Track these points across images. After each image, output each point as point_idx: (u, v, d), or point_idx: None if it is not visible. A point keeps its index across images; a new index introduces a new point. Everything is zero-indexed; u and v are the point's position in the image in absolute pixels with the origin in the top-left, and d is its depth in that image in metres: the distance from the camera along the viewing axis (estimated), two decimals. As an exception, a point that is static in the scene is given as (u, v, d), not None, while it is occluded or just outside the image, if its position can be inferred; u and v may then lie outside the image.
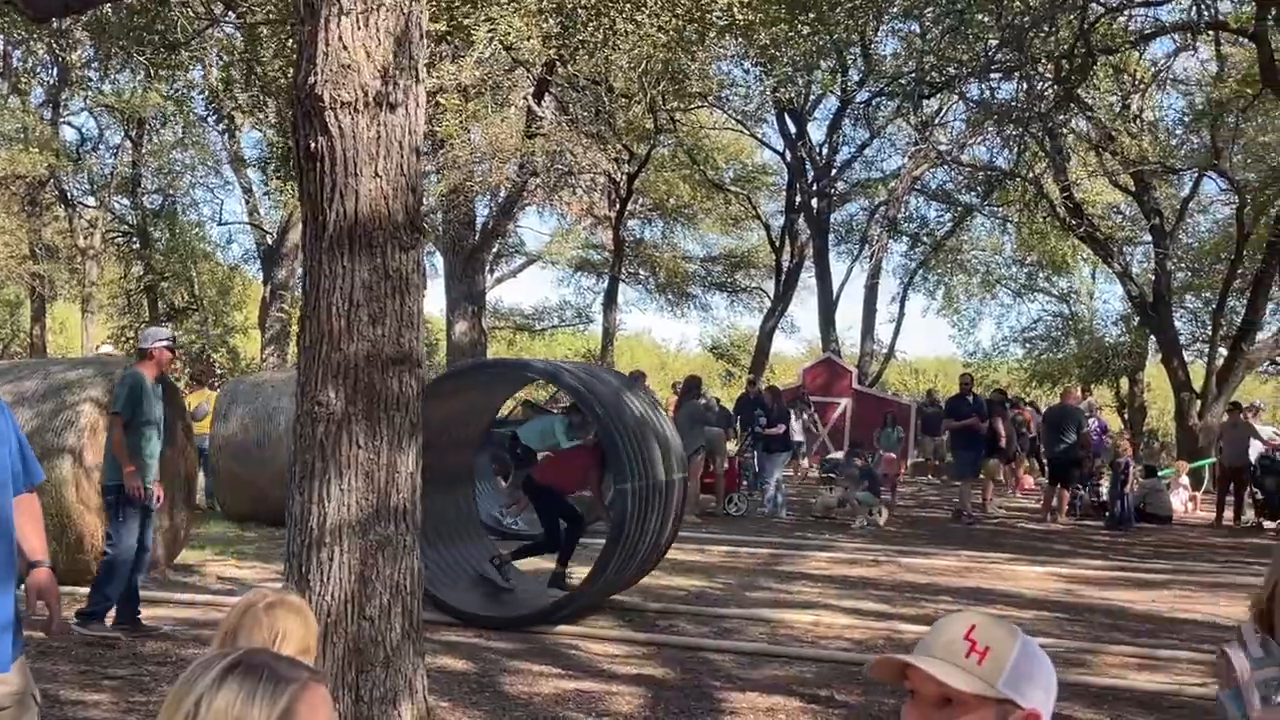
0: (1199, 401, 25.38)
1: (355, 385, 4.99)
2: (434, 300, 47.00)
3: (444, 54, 17.89)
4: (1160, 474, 20.31)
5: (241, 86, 19.30)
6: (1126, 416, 36.75)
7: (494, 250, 32.53)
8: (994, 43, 17.97)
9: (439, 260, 30.24)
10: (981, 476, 18.45)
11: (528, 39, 15.68)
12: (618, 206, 33.67)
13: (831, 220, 36.03)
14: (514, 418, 20.17)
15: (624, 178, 31.76)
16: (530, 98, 21.23)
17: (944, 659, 1.88)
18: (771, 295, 37.26)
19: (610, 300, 36.04)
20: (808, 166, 32.96)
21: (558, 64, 19.38)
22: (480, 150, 21.38)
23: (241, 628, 2.55)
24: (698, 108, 29.99)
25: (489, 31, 14.89)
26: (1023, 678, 1.87)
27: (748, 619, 9.52)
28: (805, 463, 26.16)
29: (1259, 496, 18.23)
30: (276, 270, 29.71)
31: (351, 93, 5.01)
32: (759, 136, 35.87)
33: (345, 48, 4.99)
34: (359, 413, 4.99)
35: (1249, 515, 18.44)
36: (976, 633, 1.90)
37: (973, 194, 32.69)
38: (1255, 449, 18.71)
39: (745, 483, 18.70)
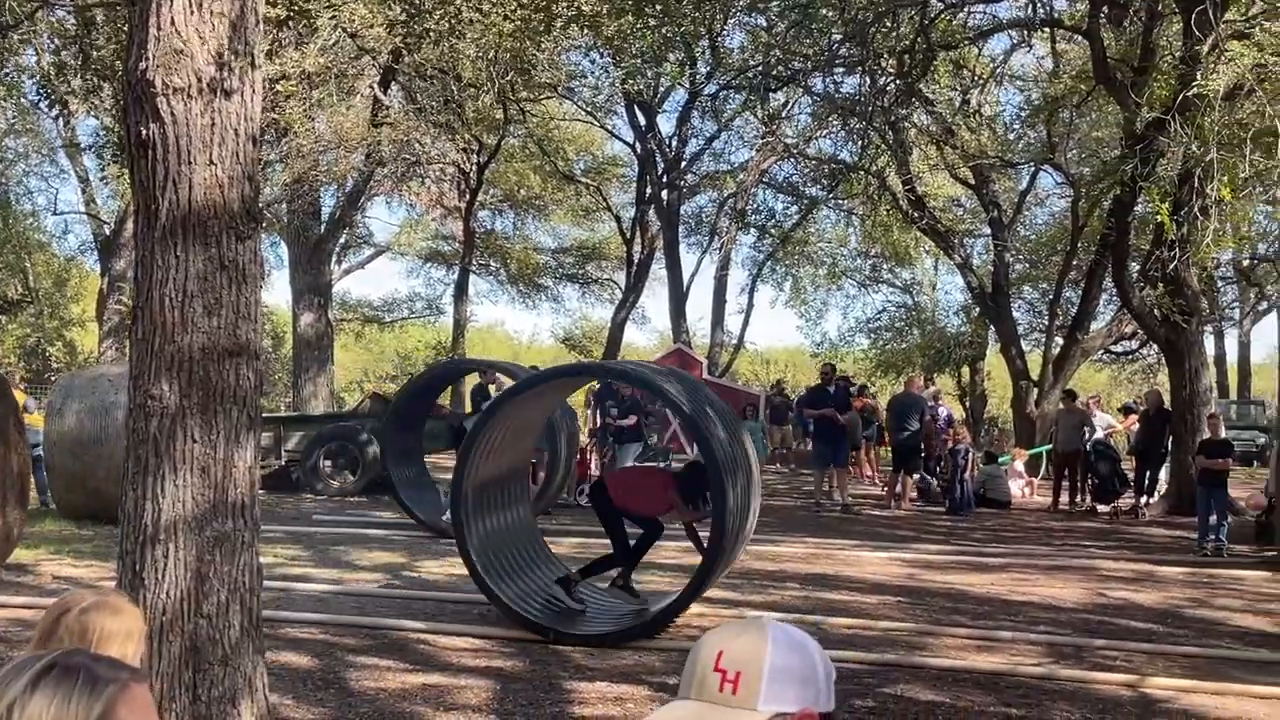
0: (1036, 390, 26.10)
1: (190, 378, 4.87)
2: (279, 292, 46.10)
3: (287, 41, 17.56)
4: (999, 460, 20.87)
5: (75, 71, 18.71)
6: (968, 405, 37.67)
7: (341, 241, 32.03)
8: (837, 37, 18.25)
9: (284, 251, 29.73)
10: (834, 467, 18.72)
11: (372, 26, 15.47)
12: (468, 197, 33.44)
13: (681, 212, 36.23)
14: (362, 410, 19.95)
15: (474, 168, 31.55)
16: (376, 86, 20.96)
17: (700, 700, 1.80)
18: (623, 286, 37.38)
19: (461, 292, 35.77)
20: (657, 158, 33.10)
21: (404, 52, 19.16)
22: (325, 139, 21.04)
23: (58, 629, 2.47)
24: (547, 98, 29.90)
25: (331, 18, 14.65)
26: (783, 683, 1.79)
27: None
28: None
29: (1093, 481, 18.85)
30: (114, 261, 28.86)
31: (184, 78, 4.88)
32: (609, 128, 35.93)
33: (178, 32, 4.86)
34: (194, 406, 4.87)
35: (1083, 499, 19.05)
36: (725, 659, 1.80)
37: (818, 187, 33.15)
38: (1100, 431, 19.35)
39: (597, 474, 18.74)
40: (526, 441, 10.68)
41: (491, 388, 16.97)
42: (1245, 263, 38.25)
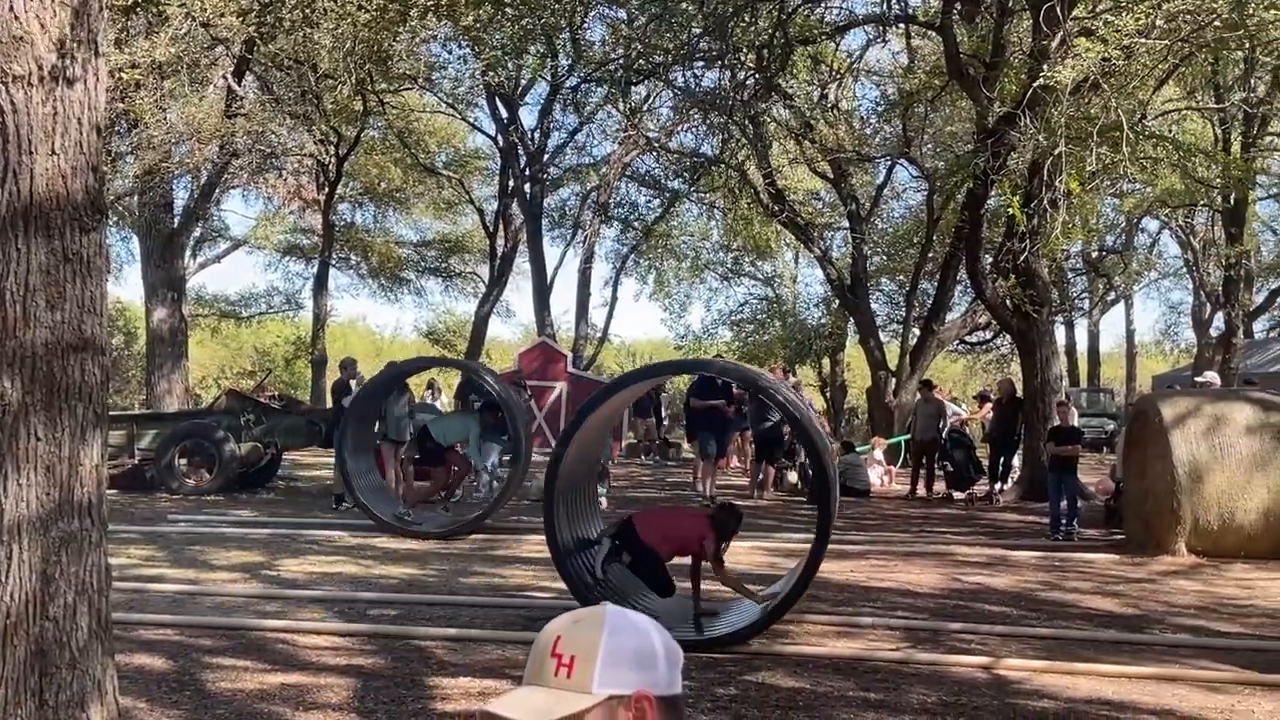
0: (894, 380, 26.56)
1: (33, 375, 4.72)
2: (132, 287, 45.01)
3: (137, 29, 17.13)
4: (858, 449, 21.22)
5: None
6: (829, 395, 38.25)
7: (195, 234, 31.38)
8: (697, 31, 18.36)
9: (135, 245, 29.01)
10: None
11: (224, 15, 15.15)
12: (327, 190, 33.00)
13: (545, 205, 36.18)
14: (218, 407, 19.56)
15: (333, 160, 31.15)
16: (230, 77, 20.54)
17: (538, 685, 1.86)
18: (486, 280, 37.22)
19: (321, 286, 35.32)
20: (520, 151, 32.99)
21: (258, 42, 18.81)
22: (178, 130, 20.56)
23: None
24: (407, 89, 29.63)
25: (181, 6, 14.31)
26: (618, 666, 1.84)
27: (460, 605, 9.48)
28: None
29: (949, 469, 19.27)
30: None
31: (25, 66, 4.72)
32: (471, 120, 35.77)
33: (17, 18, 4.70)
34: (38, 403, 4.72)
35: (940, 487, 19.46)
36: (562, 645, 1.87)
37: (680, 180, 33.34)
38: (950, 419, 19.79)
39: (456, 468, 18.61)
40: (601, 439, 10.54)
41: (353, 383, 16.76)
42: (1094, 254, 39.46)
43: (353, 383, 16.74)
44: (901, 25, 22.31)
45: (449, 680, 7.13)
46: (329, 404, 18.57)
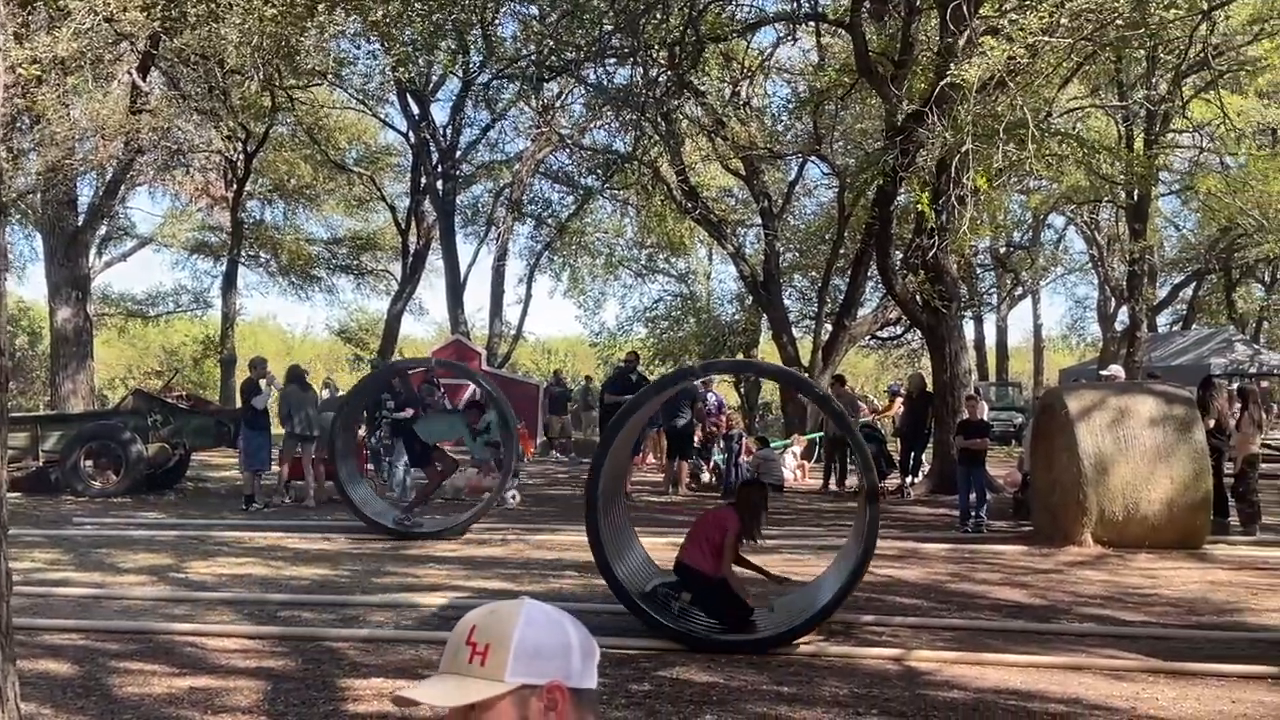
0: (806, 375, 26.72)
1: (-71, 376, 4.61)
2: (35, 286, 44.16)
3: (38, 24, 16.79)
4: (773, 445, 21.35)
5: None
6: (743, 391, 38.43)
7: (100, 232, 30.84)
8: (609, 28, 18.36)
9: (39, 243, 28.44)
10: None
11: (127, 9, 14.88)
12: (235, 187, 32.56)
13: (457, 202, 36.02)
14: (124, 408, 19.24)
15: (241, 157, 30.74)
16: (134, 72, 20.19)
17: (452, 673, 1.89)
18: (399, 278, 36.96)
19: (230, 284, 34.85)
20: (432, 148, 32.80)
21: (163, 37, 18.51)
22: (81, 127, 20.17)
23: None
24: (316, 85, 29.32)
25: (83, 0, 14.05)
26: (531, 656, 1.87)
27: (373, 605, 9.40)
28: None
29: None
30: None
31: (-83, 58, 4.61)
32: (381, 117, 35.50)
33: (-92, 9, 4.60)
34: (-66, 405, 4.61)
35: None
36: (477, 634, 1.90)
37: (594, 177, 33.34)
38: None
39: (371, 467, 18.50)
40: (629, 444, 10.41)
41: (262, 382, 16.56)
42: (1002, 250, 40.04)
43: (262, 382, 16.53)
44: (811, 23, 22.47)
45: (360, 681, 7.06)
46: (239, 404, 18.32)
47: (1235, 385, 18.68)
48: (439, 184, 33.34)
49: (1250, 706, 6.74)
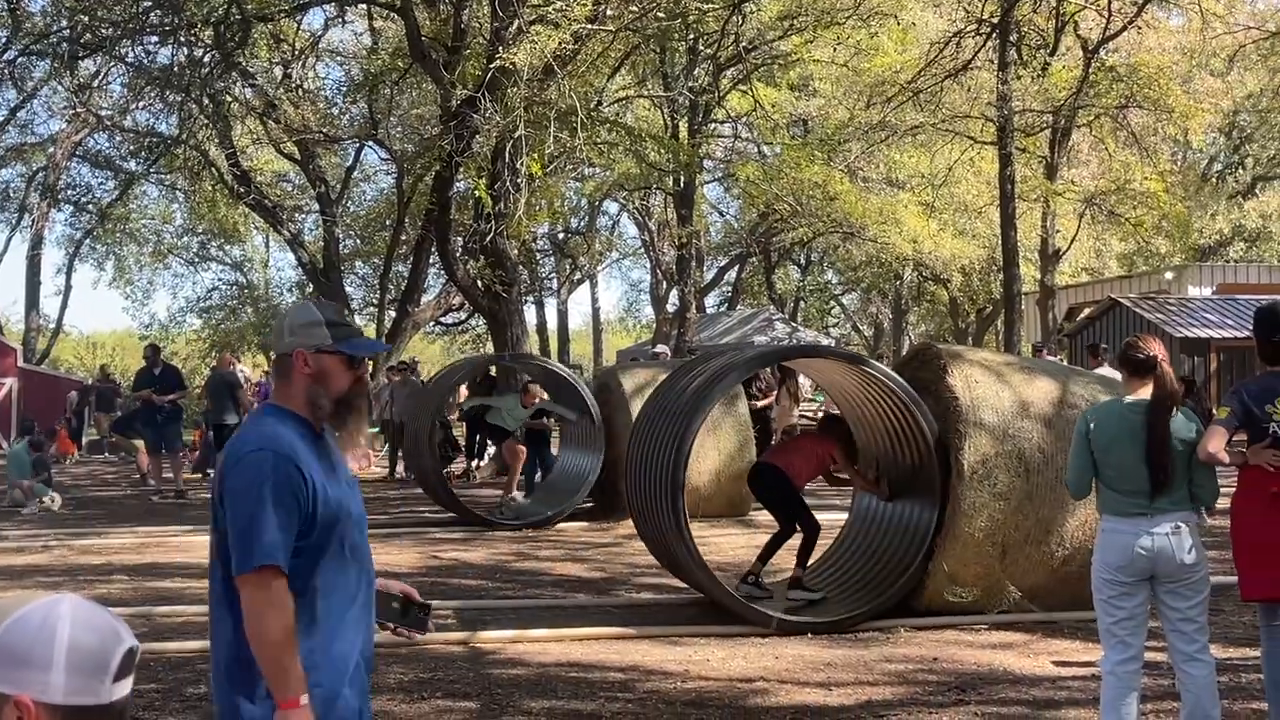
0: (371, 364, 26.42)
1: None
2: None
3: None
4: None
5: None
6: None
7: None
8: (148, 4, 17.48)
9: None
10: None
11: None
12: None
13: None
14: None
15: None
16: None
17: None
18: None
19: None
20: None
21: None
22: None
23: None
24: None
25: None
26: (8, 665, 1.71)
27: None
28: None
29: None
30: None
31: None
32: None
33: None
34: None
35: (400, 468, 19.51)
36: None
37: (138, 161, 31.68)
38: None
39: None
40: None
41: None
42: (560, 235, 41.01)
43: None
44: (362, 6, 22.16)
45: None
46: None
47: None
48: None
49: (791, 661, 7.20)
